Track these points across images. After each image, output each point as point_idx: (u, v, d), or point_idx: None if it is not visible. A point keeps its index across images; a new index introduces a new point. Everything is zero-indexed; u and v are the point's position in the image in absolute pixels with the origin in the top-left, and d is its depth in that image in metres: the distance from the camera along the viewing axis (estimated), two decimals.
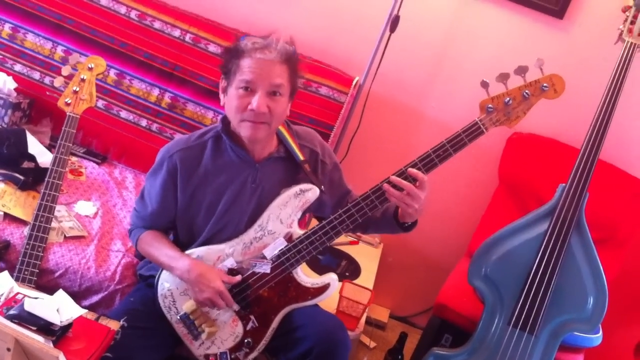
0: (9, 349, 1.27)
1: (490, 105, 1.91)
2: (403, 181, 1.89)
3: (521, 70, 1.88)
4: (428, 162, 1.92)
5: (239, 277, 1.99)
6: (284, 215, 2.01)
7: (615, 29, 2.43)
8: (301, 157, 2.05)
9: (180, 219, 2.09)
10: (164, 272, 2.07)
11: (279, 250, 2.00)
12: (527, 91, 1.90)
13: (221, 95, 2.00)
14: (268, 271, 2.00)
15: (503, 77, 1.89)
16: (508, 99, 1.90)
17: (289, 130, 2.10)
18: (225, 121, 2.03)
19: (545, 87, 1.90)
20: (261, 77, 1.86)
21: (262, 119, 1.89)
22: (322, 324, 2.02)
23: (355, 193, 2.17)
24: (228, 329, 2.04)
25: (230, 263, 2.00)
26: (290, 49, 1.93)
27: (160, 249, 2.06)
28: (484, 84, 1.90)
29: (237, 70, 1.89)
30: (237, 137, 2.00)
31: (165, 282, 2.06)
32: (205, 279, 1.94)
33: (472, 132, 1.91)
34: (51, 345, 1.53)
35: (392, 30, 2.90)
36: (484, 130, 1.91)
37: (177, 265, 1.99)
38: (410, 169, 1.90)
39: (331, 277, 2.06)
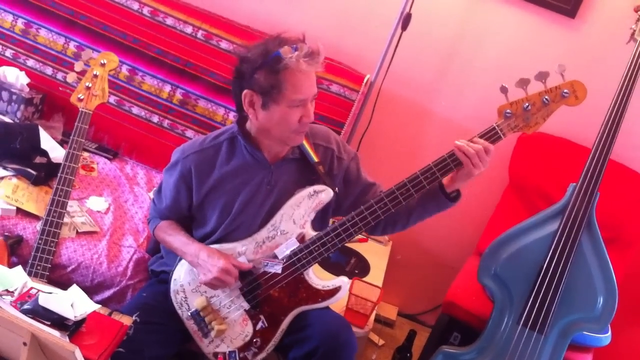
0: (25, 344, 1.28)
1: (508, 111, 1.88)
2: (478, 139, 1.89)
3: (542, 76, 1.84)
4: (444, 167, 1.92)
5: (250, 265, 2.00)
6: (297, 216, 2.02)
7: (628, 28, 2.43)
8: (315, 159, 2.05)
9: (195, 216, 2.11)
10: (177, 268, 2.09)
11: (291, 251, 2.00)
12: (547, 97, 1.87)
13: (249, 110, 1.93)
14: (279, 271, 2.00)
15: (523, 83, 1.85)
16: (527, 104, 1.87)
17: None
18: (241, 122, 2.04)
19: (566, 93, 1.86)
20: (310, 90, 1.89)
21: (308, 125, 1.95)
22: (328, 324, 2.02)
23: (382, 187, 2.15)
24: (238, 327, 2.05)
25: (242, 261, 2.01)
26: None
27: (175, 236, 2.08)
28: (503, 89, 1.86)
29: (284, 86, 1.84)
30: (253, 138, 2.01)
31: (178, 278, 2.07)
32: (211, 260, 1.95)
33: (490, 137, 1.90)
34: (67, 339, 1.54)
35: (404, 28, 2.90)
36: (502, 136, 1.90)
37: (188, 251, 2.02)
38: (476, 139, 1.89)
39: (342, 280, 2.06)
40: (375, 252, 3.16)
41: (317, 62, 1.86)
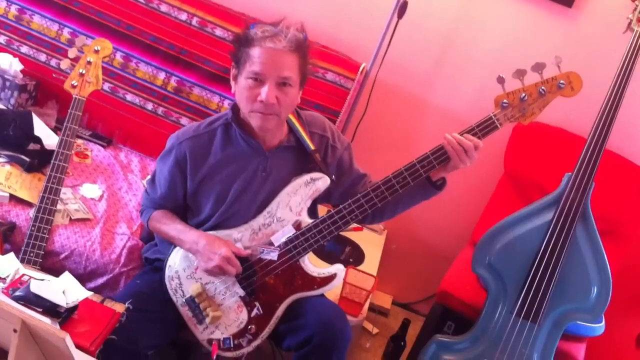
0: (15, 330, 1.27)
1: (505, 101, 1.90)
2: (469, 135, 1.90)
3: (538, 67, 1.86)
4: (441, 155, 1.93)
5: (248, 251, 1.99)
6: (294, 203, 2.01)
7: (625, 18, 2.41)
8: (312, 147, 2.05)
9: (190, 204, 2.10)
10: (173, 254, 2.08)
11: (287, 238, 2.00)
12: (543, 88, 1.89)
13: (232, 83, 1.98)
14: (275, 258, 2.00)
15: (520, 74, 1.87)
16: (524, 95, 1.89)
17: (299, 119, 2.09)
18: (235, 109, 2.03)
19: (563, 84, 1.88)
20: (270, 69, 1.84)
21: (271, 110, 1.88)
22: (323, 312, 2.02)
23: (372, 178, 2.16)
24: (232, 314, 2.04)
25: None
26: (300, 37, 1.90)
27: (170, 225, 2.07)
28: (500, 80, 1.88)
29: (247, 59, 1.87)
30: (247, 125, 2.00)
31: (173, 265, 2.07)
32: (212, 247, 1.94)
33: (486, 127, 1.91)
34: (58, 327, 1.53)
35: (400, 16, 2.88)
36: (499, 125, 1.91)
37: (185, 238, 2.01)
38: (466, 135, 1.90)
39: (338, 268, 2.06)
40: (370, 241, 3.16)
41: (281, 41, 1.85)
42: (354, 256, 2.97)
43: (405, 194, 2.04)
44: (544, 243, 2.29)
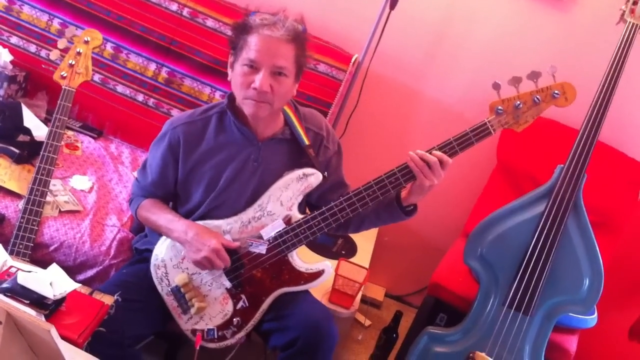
0: (0, 322, 1.26)
1: (500, 107, 1.90)
2: (430, 155, 1.88)
3: (534, 76, 1.87)
4: (407, 172, 1.93)
5: (237, 243, 1.98)
6: (285, 198, 2.00)
7: (617, 9, 2.41)
8: (306, 142, 2.05)
9: (180, 191, 2.09)
10: (159, 243, 2.07)
11: (277, 232, 1.99)
12: (538, 96, 1.90)
13: (229, 70, 1.98)
14: (264, 252, 1.99)
15: (515, 81, 1.88)
16: (519, 102, 1.89)
17: (296, 112, 2.09)
18: (231, 98, 2.02)
19: (557, 94, 1.89)
20: (266, 56, 1.85)
21: (264, 99, 1.88)
22: (309, 314, 2.01)
23: (352, 188, 2.15)
24: (218, 306, 2.03)
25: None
26: (299, 28, 1.91)
27: (159, 214, 2.06)
28: (496, 86, 1.89)
29: (244, 46, 1.87)
30: (242, 114, 1.99)
31: (160, 253, 2.05)
32: (202, 238, 1.94)
33: (480, 132, 1.90)
34: (43, 319, 1.52)
35: (392, 7, 2.86)
36: (492, 131, 1.91)
37: (175, 227, 2.00)
38: (435, 152, 1.88)
39: (326, 264, 2.05)
40: (363, 233, 3.11)
41: (279, 30, 1.86)
42: (346, 248, 2.97)
43: (373, 211, 2.07)
44: (536, 235, 2.29)
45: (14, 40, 2.89)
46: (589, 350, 2.73)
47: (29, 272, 1.64)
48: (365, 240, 3.09)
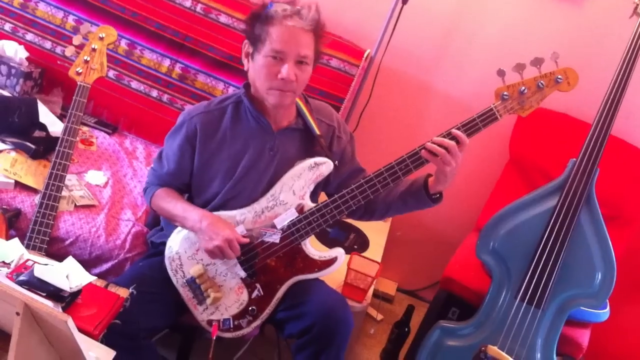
0: (18, 313, 1.28)
1: (505, 93, 1.93)
2: (445, 139, 1.89)
3: (537, 62, 1.91)
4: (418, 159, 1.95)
5: (247, 239, 2.00)
6: (297, 187, 2.02)
7: (630, 2, 2.40)
8: (317, 132, 2.07)
9: (195, 182, 2.10)
10: (173, 235, 2.09)
11: (290, 221, 2.01)
12: (541, 82, 1.92)
13: (245, 61, 2.00)
14: (277, 241, 2.01)
15: (519, 67, 1.91)
16: (523, 88, 1.92)
17: (307, 104, 2.11)
18: (247, 87, 2.04)
19: (560, 79, 1.92)
20: (291, 47, 1.87)
21: (289, 88, 1.91)
22: (324, 301, 2.03)
23: (368, 173, 2.17)
24: (233, 295, 2.05)
25: (240, 230, 2.01)
26: (317, 17, 1.94)
27: (175, 203, 2.08)
28: (501, 72, 1.92)
29: (267, 37, 1.89)
30: (258, 103, 2.02)
31: (174, 245, 2.07)
32: (216, 227, 1.96)
33: (487, 117, 1.93)
34: (60, 310, 1.54)
35: (404, 2, 2.87)
36: (498, 117, 1.93)
37: (189, 216, 2.01)
38: (454, 130, 1.90)
39: (339, 251, 2.07)
40: (375, 228, 3.16)
41: (302, 20, 1.89)
42: (358, 243, 2.98)
43: (400, 199, 2.08)
44: (549, 228, 2.29)
45: (29, 37, 2.92)
46: (601, 344, 2.73)
47: (46, 265, 1.67)
48: (377, 235, 3.10)
